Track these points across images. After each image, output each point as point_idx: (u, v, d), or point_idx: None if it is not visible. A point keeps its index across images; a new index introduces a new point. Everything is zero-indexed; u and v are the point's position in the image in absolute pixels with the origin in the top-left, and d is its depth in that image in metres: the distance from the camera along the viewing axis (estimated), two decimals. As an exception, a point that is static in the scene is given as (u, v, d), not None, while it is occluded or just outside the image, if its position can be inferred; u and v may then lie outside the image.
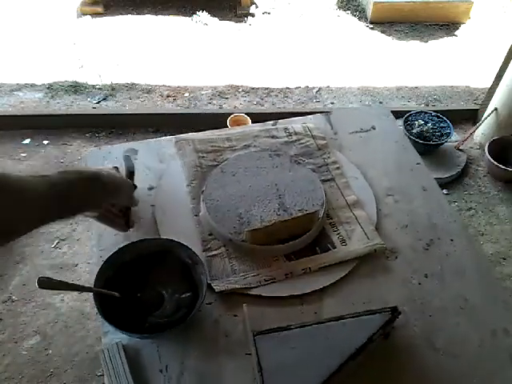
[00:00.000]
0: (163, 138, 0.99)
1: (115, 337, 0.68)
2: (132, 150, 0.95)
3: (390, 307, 0.67)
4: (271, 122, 1.03)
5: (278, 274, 0.76)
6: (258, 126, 1.02)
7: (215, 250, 0.79)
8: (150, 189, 0.89)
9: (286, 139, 0.98)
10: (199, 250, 0.77)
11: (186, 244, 0.72)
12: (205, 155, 0.94)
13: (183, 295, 0.70)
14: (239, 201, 0.83)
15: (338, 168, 0.93)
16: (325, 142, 0.98)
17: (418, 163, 0.98)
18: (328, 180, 0.91)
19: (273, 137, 0.99)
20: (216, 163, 0.92)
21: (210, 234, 0.81)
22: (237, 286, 0.73)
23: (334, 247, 0.80)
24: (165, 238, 0.76)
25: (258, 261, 0.78)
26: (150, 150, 0.96)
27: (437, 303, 0.75)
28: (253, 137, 0.99)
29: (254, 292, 0.74)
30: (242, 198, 0.84)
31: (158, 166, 0.93)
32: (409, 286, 0.77)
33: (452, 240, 0.85)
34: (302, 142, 0.98)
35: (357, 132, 1.03)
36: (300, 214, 0.80)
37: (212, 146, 0.95)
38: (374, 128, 1.05)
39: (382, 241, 0.81)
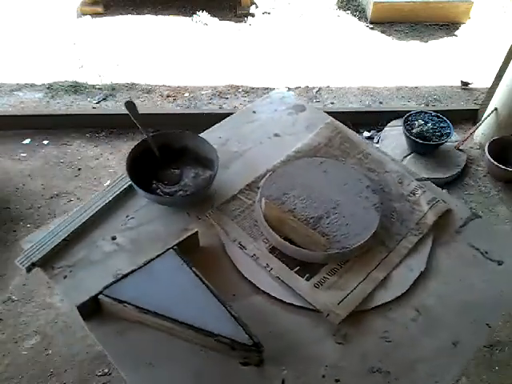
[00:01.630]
0: (325, 114, 1.07)
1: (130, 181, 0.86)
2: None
3: (257, 342, 0.64)
4: (422, 177, 0.95)
5: (250, 248, 0.80)
6: (402, 168, 0.94)
7: (246, 198, 0.87)
8: (276, 135, 1.02)
9: (405, 192, 0.90)
10: (240, 188, 0.90)
11: (237, 175, 0.91)
12: (331, 149, 0.97)
13: (192, 188, 0.88)
14: (299, 186, 0.86)
15: (407, 248, 0.82)
16: (431, 223, 0.85)
17: (487, 324, 0.73)
18: (386, 246, 0.82)
19: (400, 183, 0.92)
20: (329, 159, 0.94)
21: (258, 188, 0.88)
22: (221, 225, 0.83)
23: (307, 280, 0.76)
24: (200, 136, 0.92)
25: (253, 229, 0.83)
26: (310, 114, 1.08)
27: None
28: (384, 171, 0.94)
29: (224, 240, 0.81)
30: (304, 187, 0.86)
31: (299, 129, 1.04)
32: (312, 369, 0.68)
33: None
34: (413, 205, 0.88)
35: (478, 250, 0.81)
36: (310, 231, 0.79)
37: (346, 148, 0.96)
38: (499, 263, 0.81)
39: (343, 317, 0.71)
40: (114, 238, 0.82)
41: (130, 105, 0.90)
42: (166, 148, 0.92)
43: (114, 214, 0.86)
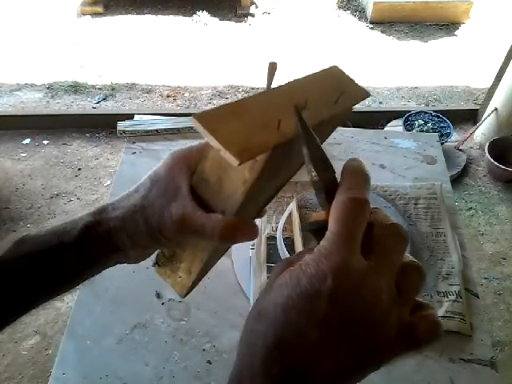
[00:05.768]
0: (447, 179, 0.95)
1: None
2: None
3: None
4: (476, 293, 0.76)
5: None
6: (460, 265, 0.77)
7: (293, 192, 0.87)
8: (381, 166, 0.94)
9: (440, 289, 0.75)
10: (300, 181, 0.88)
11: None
12: (414, 205, 0.88)
13: None
14: None
15: None
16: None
17: None
18: None
19: (445, 276, 0.78)
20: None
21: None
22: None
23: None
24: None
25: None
26: (435, 168, 0.97)
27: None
28: (442, 256, 0.80)
29: None
30: None
31: (410, 174, 0.95)
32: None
33: None
34: (433, 303, 0.73)
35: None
36: (300, 239, 0.77)
37: (428, 212, 0.87)
38: None
39: None
40: None
41: (274, 65, 0.94)
42: None
43: (201, 138, 0.99)
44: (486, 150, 2.07)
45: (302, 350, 0.25)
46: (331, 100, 0.35)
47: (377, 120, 2.33)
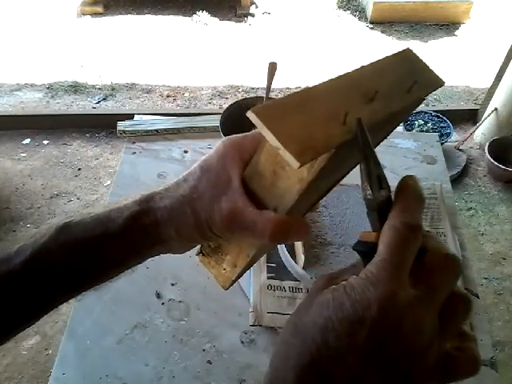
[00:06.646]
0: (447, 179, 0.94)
1: None
2: None
3: None
4: (475, 292, 0.76)
5: None
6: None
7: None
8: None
9: None
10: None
11: None
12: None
13: None
14: (342, 210, 0.83)
15: None
16: None
17: None
18: None
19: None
20: None
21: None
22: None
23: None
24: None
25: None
26: (434, 168, 0.95)
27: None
28: None
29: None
30: (347, 216, 0.82)
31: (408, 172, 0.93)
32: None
33: None
34: None
35: None
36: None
37: (429, 212, 0.87)
38: None
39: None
40: (185, 152, 0.95)
41: (274, 65, 0.89)
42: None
43: (201, 138, 0.97)
44: (486, 150, 2.07)
45: (336, 374, 0.25)
46: (403, 89, 0.31)
47: (377, 120, 2.33)
